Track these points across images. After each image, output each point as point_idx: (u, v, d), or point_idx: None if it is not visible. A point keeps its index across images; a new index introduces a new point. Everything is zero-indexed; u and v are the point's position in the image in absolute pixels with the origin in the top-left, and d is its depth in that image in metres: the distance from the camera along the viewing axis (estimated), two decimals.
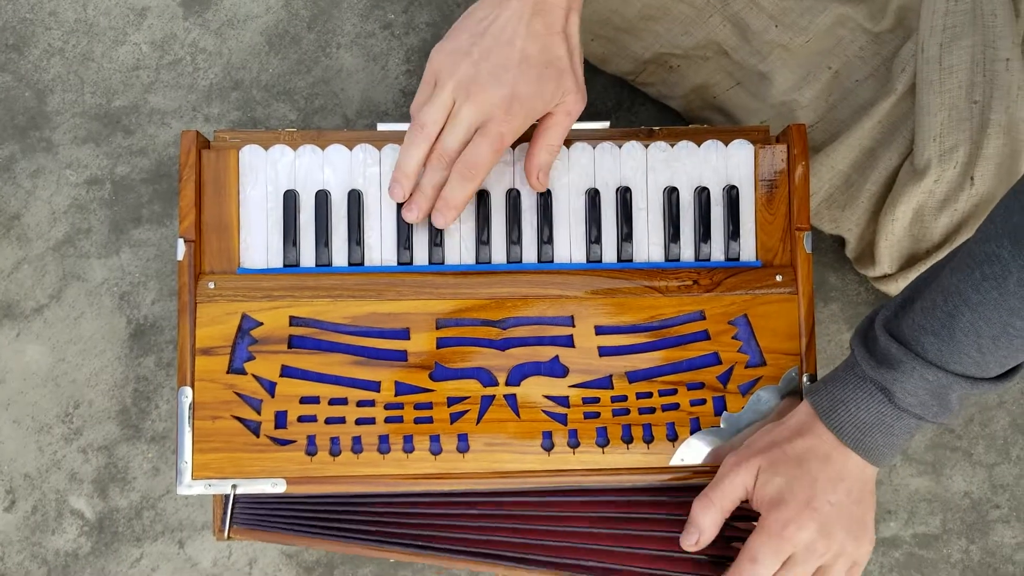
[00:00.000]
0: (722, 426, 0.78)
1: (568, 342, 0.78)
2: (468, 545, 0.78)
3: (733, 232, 0.80)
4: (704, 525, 0.75)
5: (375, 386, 0.76)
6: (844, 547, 0.73)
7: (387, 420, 0.76)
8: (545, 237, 0.79)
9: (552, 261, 0.79)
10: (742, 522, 0.77)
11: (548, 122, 0.76)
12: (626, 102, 1.01)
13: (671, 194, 0.80)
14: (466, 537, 0.78)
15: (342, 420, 0.76)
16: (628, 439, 0.77)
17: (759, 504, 0.74)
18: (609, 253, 0.80)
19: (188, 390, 0.76)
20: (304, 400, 0.76)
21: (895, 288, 0.90)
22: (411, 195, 0.77)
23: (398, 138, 0.79)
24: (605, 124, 0.82)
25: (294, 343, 0.77)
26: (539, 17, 0.74)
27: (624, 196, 0.80)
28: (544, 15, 0.74)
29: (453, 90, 0.73)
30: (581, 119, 0.91)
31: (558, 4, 0.74)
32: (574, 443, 0.77)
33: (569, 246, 0.80)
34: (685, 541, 0.75)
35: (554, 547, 0.78)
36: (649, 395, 0.78)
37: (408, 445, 0.76)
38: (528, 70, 0.73)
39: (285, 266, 0.78)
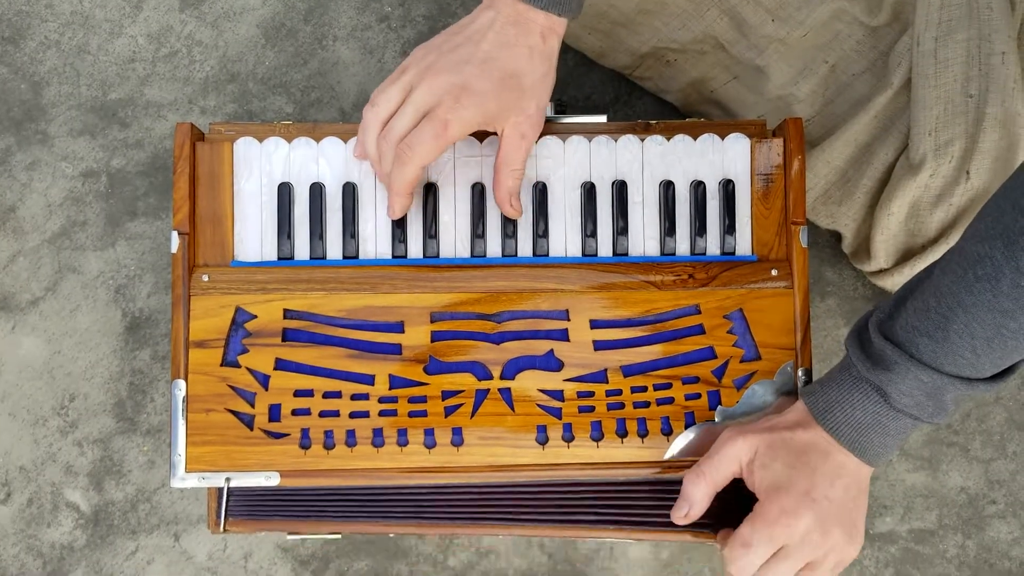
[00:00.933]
0: (717, 420, 0.78)
1: (563, 336, 0.78)
2: (465, 513, 0.78)
3: (729, 226, 0.80)
4: (695, 497, 0.74)
5: (369, 379, 0.76)
6: (836, 545, 0.73)
7: (381, 414, 0.76)
8: (540, 231, 0.79)
9: (547, 255, 0.79)
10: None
11: (503, 145, 0.75)
12: (623, 96, 1.00)
13: (667, 188, 0.80)
14: (463, 509, 0.78)
15: (336, 413, 0.76)
16: (623, 433, 0.77)
17: (756, 488, 0.73)
18: (605, 247, 0.80)
19: (182, 383, 0.75)
20: (298, 393, 0.76)
21: (891, 283, 0.90)
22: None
23: None
24: (602, 118, 0.82)
25: (288, 336, 0.76)
26: (514, 28, 0.74)
27: (620, 190, 0.79)
28: (519, 27, 0.74)
29: (412, 76, 0.74)
30: (578, 112, 0.91)
31: (536, 21, 0.74)
32: (568, 437, 0.77)
33: (564, 240, 0.80)
34: (676, 513, 0.75)
35: (551, 510, 0.78)
36: (644, 389, 0.78)
37: (402, 439, 0.76)
38: (489, 71, 0.73)
39: (279, 259, 0.78)
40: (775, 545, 0.72)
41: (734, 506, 0.76)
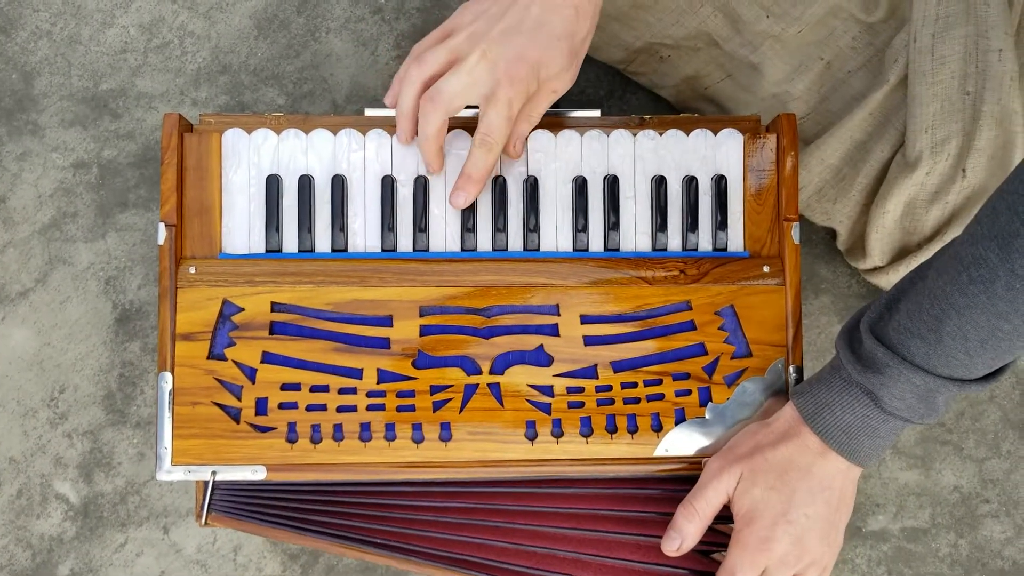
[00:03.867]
0: (707, 417, 0.77)
1: (553, 331, 0.77)
2: (445, 548, 0.77)
3: (721, 222, 0.79)
4: (687, 532, 0.75)
5: (357, 373, 0.76)
6: (816, 556, 0.74)
7: (369, 408, 0.76)
8: (531, 225, 0.79)
9: (538, 249, 0.79)
10: (721, 524, 0.77)
11: (534, 97, 0.76)
12: (618, 91, 1.00)
13: (659, 183, 0.79)
14: (444, 538, 0.78)
15: (323, 407, 0.76)
16: (612, 429, 0.77)
17: (736, 514, 0.74)
18: (596, 242, 0.79)
19: (168, 375, 0.75)
20: (285, 387, 0.76)
21: (886, 281, 0.90)
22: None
23: (384, 123, 0.79)
24: (596, 112, 0.81)
25: (275, 329, 0.76)
26: None
27: (612, 184, 0.79)
28: None
29: (463, 41, 0.73)
30: (572, 106, 0.91)
31: None
32: (558, 433, 0.77)
33: (555, 234, 0.79)
34: (667, 546, 0.76)
35: (537, 534, 0.77)
36: (634, 385, 0.77)
37: (390, 433, 0.76)
38: (540, 37, 0.73)
39: (267, 251, 0.78)
40: (758, 569, 0.74)
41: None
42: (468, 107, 0.74)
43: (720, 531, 0.77)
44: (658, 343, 0.77)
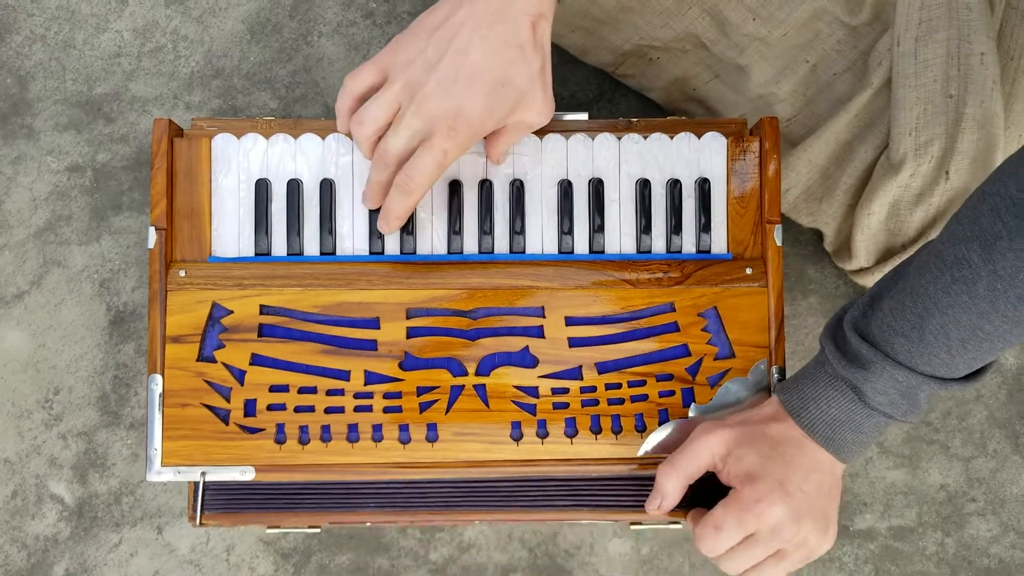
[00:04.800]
0: (690, 417, 0.78)
1: (538, 333, 0.78)
2: (441, 500, 0.79)
3: (704, 224, 0.80)
4: (668, 490, 0.75)
5: (345, 375, 0.77)
6: (808, 538, 0.73)
7: (356, 409, 0.77)
8: (517, 228, 0.79)
9: (524, 252, 0.80)
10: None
11: (503, 132, 0.75)
12: (607, 93, 1.01)
13: (643, 186, 0.80)
14: (437, 500, 0.79)
15: (311, 409, 0.77)
16: (597, 430, 0.78)
17: (731, 477, 0.73)
18: (581, 244, 0.80)
19: (158, 377, 0.76)
20: (273, 388, 0.77)
21: (872, 281, 0.90)
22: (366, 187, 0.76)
23: None
24: (584, 116, 0.82)
25: (264, 332, 0.77)
26: (500, 26, 0.70)
27: (597, 187, 0.80)
28: (506, 24, 0.70)
29: (400, 91, 0.71)
30: (560, 110, 0.91)
31: (523, 11, 0.70)
32: (543, 433, 0.78)
33: (541, 237, 0.80)
34: (649, 505, 0.76)
35: (526, 497, 0.80)
36: (618, 386, 0.78)
37: (377, 434, 0.77)
38: (480, 87, 0.70)
39: (257, 255, 0.78)
40: (745, 531, 0.73)
41: (704, 497, 0.77)
42: None
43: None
44: (642, 344, 0.78)
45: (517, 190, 0.79)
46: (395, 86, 0.71)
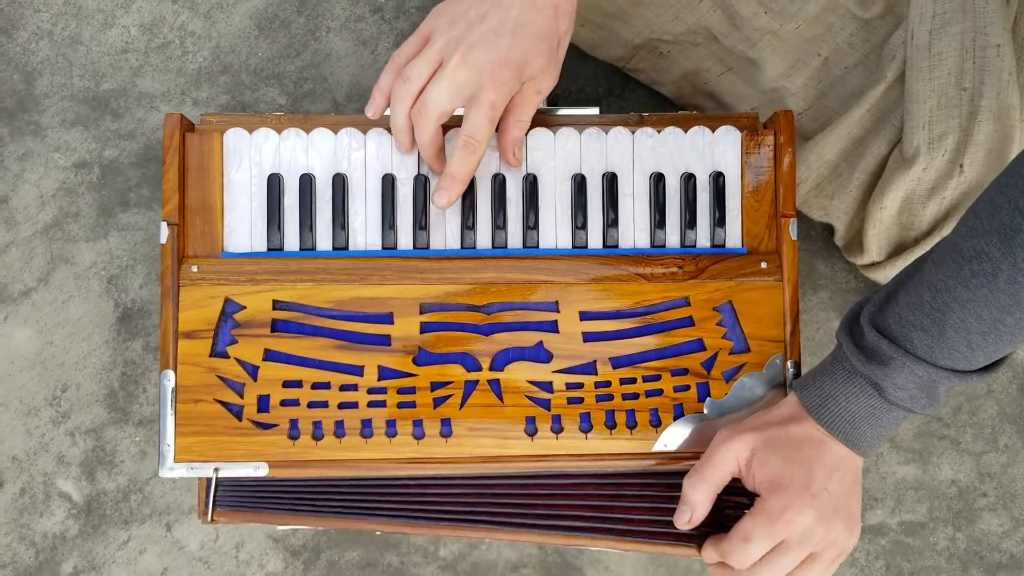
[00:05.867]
0: (705, 412, 0.78)
1: (552, 327, 0.78)
2: (455, 514, 0.78)
3: (719, 219, 0.80)
4: (696, 501, 0.74)
5: (358, 370, 0.76)
6: (838, 537, 0.72)
7: (370, 404, 0.76)
8: (531, 222, 0.79)
9: (537, 246, 0.79)
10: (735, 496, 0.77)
11: (518, 98, 0.76)
12: (617, 88, 1.00)
13: (657, 180, 0.80)
14: (453, 508, 0.78)
15: (325, 404, 0.76)
16: (611, 425, 0.77)
17: (756, 485, 0.73)
18: (595, 239, 0.80)
19: (171, 373, 0.76)
20: (287, 384, 0.76)
21: (883, 276, 0.90)
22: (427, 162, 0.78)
23: (385, 123, 0.79)
24: (595, 110, 0.82)
25: (277, 327, 0.76)
26: None
27: (610, 182, 0.79)
28: None
29: (443, 47, 0.73)
30: (570, 105, 0.91)
31: None
32: (557, 428, 0.77)
33: (555, 232, 0.80)
34: (679, 520, 0.75)
35: (542, 515, 0.78)
36: (633, 381, 0.78)
37: (391, 429, 0.76)
38: (522, 38, 0.73)
39: (269, 250, 0.78)
40: (775, 540, 0.72)
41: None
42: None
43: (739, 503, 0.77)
44: (657, 339, 0.78)
45: (531, 185, 0.79)
46: (439, 42, 0.74)
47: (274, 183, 0.78)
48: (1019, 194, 0.61)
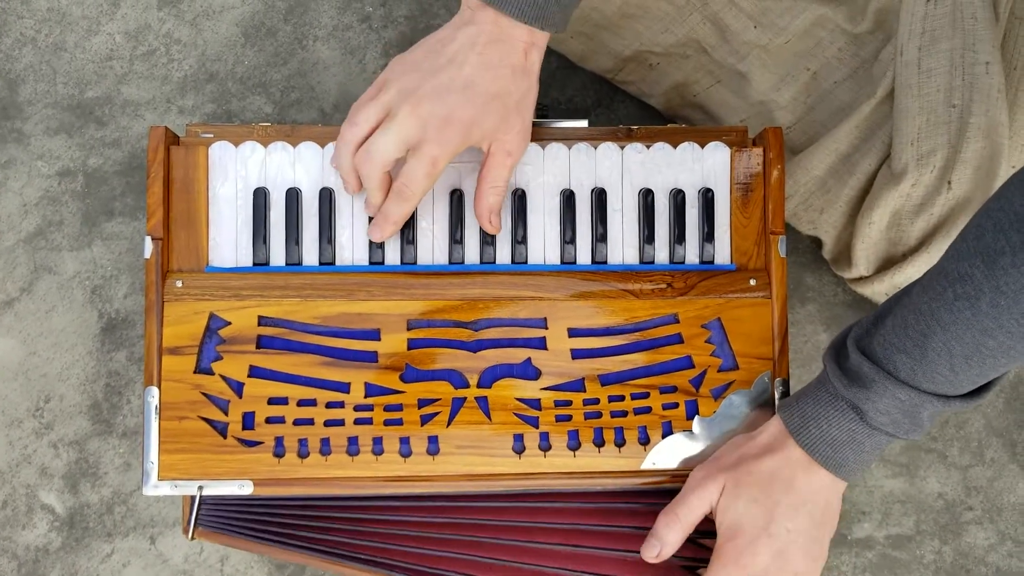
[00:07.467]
0: (694, 430, 0.78)
1: (541, 344, 0.77)
2: (431, 565, 0.77)
3: (708, 235, 0.79)
4: (668, 539, 0.75)
5: (345, 387, 0.76)
6: (798, 568, 0.73)
7: (356, 422, 0.76)
8: (519, 237, 0.79)
9: (526, 262, 0.79)
10: (706, 538, 0.77)
11: (488, 162, 0.75)
12: (605, 100, 1.00)
13: (646, 196, 0.79)
14: (431, 554, 0.78)
15: (311, 421, 0.75)
16: (600, 442, 0.77)
17: (719, 527, 0.74)
18: (583, 254, 0.79)
19: (155, 390, 0.75)
20: (272, 401, 0.75)
21: (871, 290, 0.90)
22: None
23: None
24: (583, 123, 0.81)
25: (263, 343, 0.76)
26: (495, 46, 0.72)
27: (599, 197, 0.79)
28: (501, 44, 0.73)
29: (394, 96, 0.73)
30: (559, 116, 0.91)
31: (518, 37, 0.73)
32: (545, 446, 0.77)
33: (543, 247, 0.79)
34: (647, 552, 0.75)
35: (524, 550, 0.78)
36: (621, 398, 0.77)
37: (377, 447, 0.76)
38: (472, 97, 0.72)
39: (255, 265, 0.77)
40: None
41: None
42: None
43: (705, 546, 0.78)
44: (645, 356, 0.78)
45: (519, 199, 0.79)
46: (391, 91, 0.73)
47: (260, 197, 0.77)
48: (1003, 217, 0.61)
